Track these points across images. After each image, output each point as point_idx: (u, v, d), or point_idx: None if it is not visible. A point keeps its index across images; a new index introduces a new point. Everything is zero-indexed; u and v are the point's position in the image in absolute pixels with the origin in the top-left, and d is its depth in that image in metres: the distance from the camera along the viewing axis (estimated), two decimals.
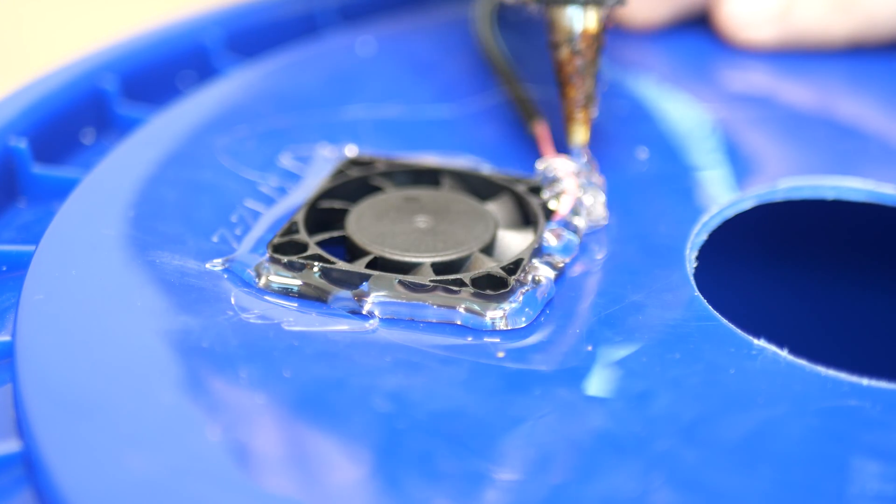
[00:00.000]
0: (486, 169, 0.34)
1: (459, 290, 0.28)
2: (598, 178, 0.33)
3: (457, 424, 0.25)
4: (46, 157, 0.36)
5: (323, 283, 0.29)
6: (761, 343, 0.28)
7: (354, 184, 0.33)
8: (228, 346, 0.27)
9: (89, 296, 0.29)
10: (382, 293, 0.28)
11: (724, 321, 0.29)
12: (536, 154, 0.35)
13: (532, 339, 0.28)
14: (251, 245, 0.31)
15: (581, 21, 0.33)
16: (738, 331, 0.28)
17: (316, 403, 0.26)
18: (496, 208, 0.32)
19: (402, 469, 0.24)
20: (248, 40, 0.44)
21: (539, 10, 0.34)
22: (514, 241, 0.31)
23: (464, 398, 0.26)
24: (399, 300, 0.28)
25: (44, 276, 0.29)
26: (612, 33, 0.45)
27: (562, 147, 0.35)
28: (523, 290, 0.29)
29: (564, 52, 0.33)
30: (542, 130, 0.36)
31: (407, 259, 0.29)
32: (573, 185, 0.33)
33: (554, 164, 0.33)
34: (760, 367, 0.27)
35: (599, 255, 0.31)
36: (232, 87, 0.40)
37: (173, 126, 0.37)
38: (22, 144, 0.35)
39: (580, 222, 0.32)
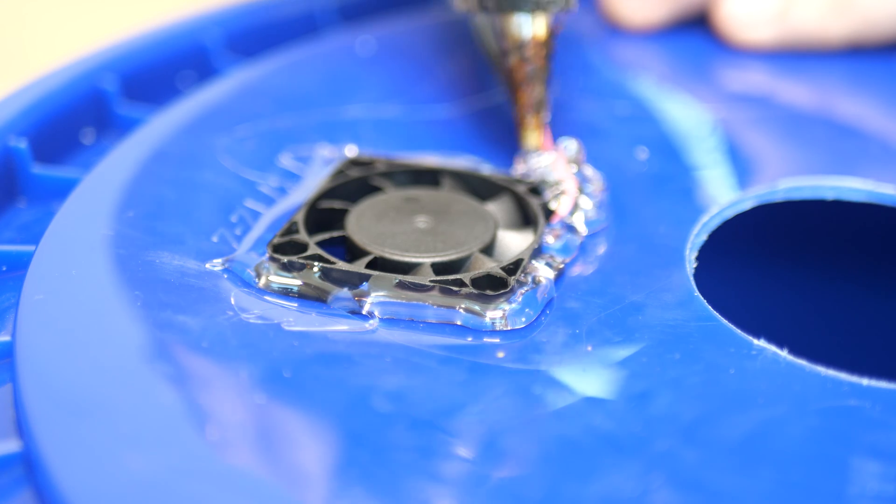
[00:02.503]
0: (486, 169, 0.34)
1: (459, 291, 0.28)
2: (596, 183, 0.33)
3: (457, 424, 0.25)
4: (46, 157, 0.36)
5: (323, 283, 0.29)
6: (761, 343, 0.28)
7: (354, 184, 0.33)
8: (228, 346, 0.27)
9: (89, 296, 0.29)
10: (382, 293, 0.28)
11: (724, 321, 0.29)
12: (536, 154, 0.35)
13: (532, 340, 0.28)
14: (251, 245, 0.31)
15: (529, 28, 0.33)
16: (738, 331, 0.28)
17: (316, 404, 0.26)
18: (496, 208, 0.32)
19: (401, 469, 0.24)
20: (248, 40, 0.44)
21: (487, 18, 0.34)
22: (514, 242, 0.31)
23: (463, 398, 0.26)
24: (399, 300, 0.28)
25: (44, 276, 0.29)
26: (611, 34, 0.45)
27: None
28: (523, 291, 0.29)
29: (514, 60, 0.34)
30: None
31: (407, 259, 0.29)
32: (573, 186, 0.33)
33: (541, 160, 0.33)
34: (760, 367, 0.27)
35: (599, 256, 0.31)
36: (232, 87, 0.40)
37: (173, 126, 0.37)
38: (22, 144, 0.35)
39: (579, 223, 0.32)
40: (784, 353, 0.28)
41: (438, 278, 0.28)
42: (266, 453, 0.25)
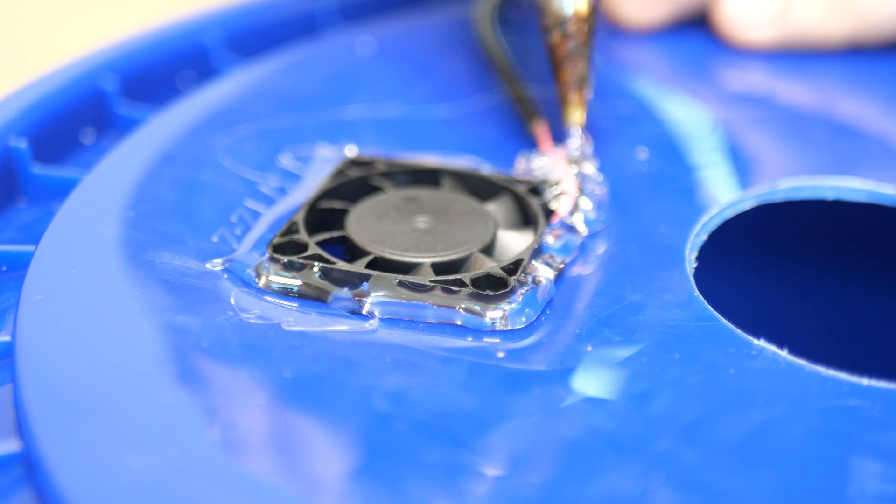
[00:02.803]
0: (486, 169, 0.34)
1: (459, 291, 0.28)
2: (593, 178, 0.33)
3: (456, 424, 0.25)
4: (46, 157, 0.36)
5: (323, 283, 0.29)
6: (761, 343, 0.28)
7: (354, 184, 0.33)
8: (228, 346, 0.27)
9: (89, 296, 0.29)
10: (382, 293, 0.28)
11: (724, 321, 0.29)
12: (536, 154, 0.35)
13: (532, 340, 0.28)
14: (251, 245, 0.31)
15: (571, 4, 0.33)
16: (738, 331, 0.28)
17: (316, 403, 0.26)
18: (496, 208, 0.32)
19: (401, 469, 0.24)
20: (248, 40, 0.44)
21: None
22: (514, 242, 0.31)
23: (463, 398, 0.26)
24: (399, 300, 0.28)
25: (44, 276, 0.29)
26: (611, 34, 0.45)
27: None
28: (523, 291, 0.29)
29: (556, 36, 0.34)
30: (541, 130, 0.36)
31: (407, 259, 0.29)
32: (573, 186, 0.33)
33: (541, 162, 0.33)
34: (760, 367, 0.27)
35: (599, 256, 0.31)
36: (232, 87, 0.40)
37: (173, 126, 0.37)
38: (22, 144, 0.35)
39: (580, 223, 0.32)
40: (784, 353, 0.28)
41: (438, 278, 0.28)
42: (266, 453, 0.25)
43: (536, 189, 0.33)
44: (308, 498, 0.24)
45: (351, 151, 0.35)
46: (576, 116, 0.34)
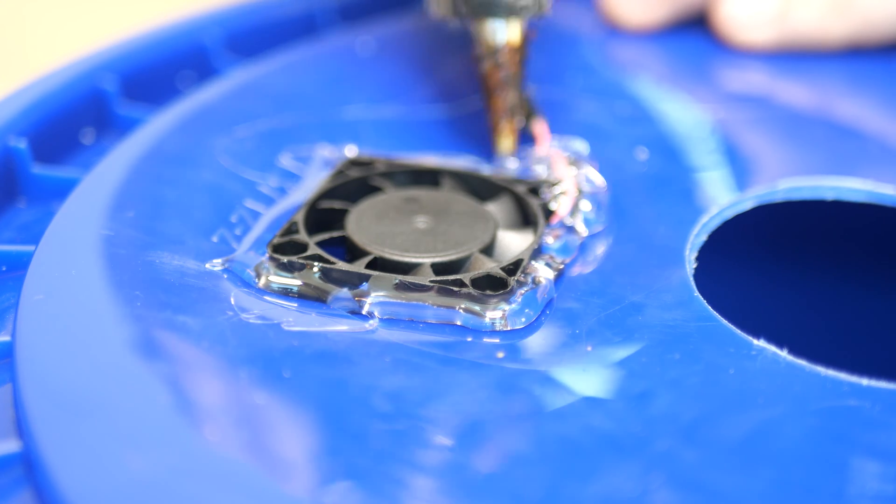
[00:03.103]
0: (486, 169, 0.34)
1: (459, 291, 0.28)
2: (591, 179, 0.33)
3: (456, 424, 0.25)
4: (46, 157, 0.36)
5: (323, 283, 0.29)
6: (761, 343, 0.28)
7: (354, 184, 0.33)
8: (228, 346, 0.27)
9: (89, 296, 0.29)
10: (382, 293, 0.28)
11: (724, 321, 0.29)
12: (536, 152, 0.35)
13: (532, 340, 0.28)
14: (251, 245, 0.31)
15: (503, 33, 0.34)
16: (738, 331, 0.28)
17: (316, 403, 0.26)
18: (496, 209, 0.32)
19: (401, 469, 0.24)
20: (248, 40, 0.44)
21: (462, 24, 0.35)
22: (513, 242, 0.31)
23: (463, 398, 0.26)
24: (399, 300, 0.28)
25: (44, 276, 0.29)
26: (610, 34, 0.45)
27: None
28: (523, 291, 0.29)
29: (488, 65, 0.34)
30: (541, 129, 0.36)
31: (407, 259, 0.29)
32: (573, 186, 0.33)
33: (542, 155, 0.33)
34: (760, 367, 0.27)
35: (599, 256, 0.31)
36: (232, 87, 0.40)
37: (173, 126, 0.37)
38: (22, 144, 0.35)
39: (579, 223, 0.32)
40: (784, 353, 0.28)
41: (438, 278, 0.28)
42: (266, 453, 0.25)
43: (536, 189, 0.33)
44: (307, 498, 0.24)
45: (351, 151, 0.35)
46: (506, 144, 0.35)
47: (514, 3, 0.33)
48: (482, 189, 0.33)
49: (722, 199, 0.34)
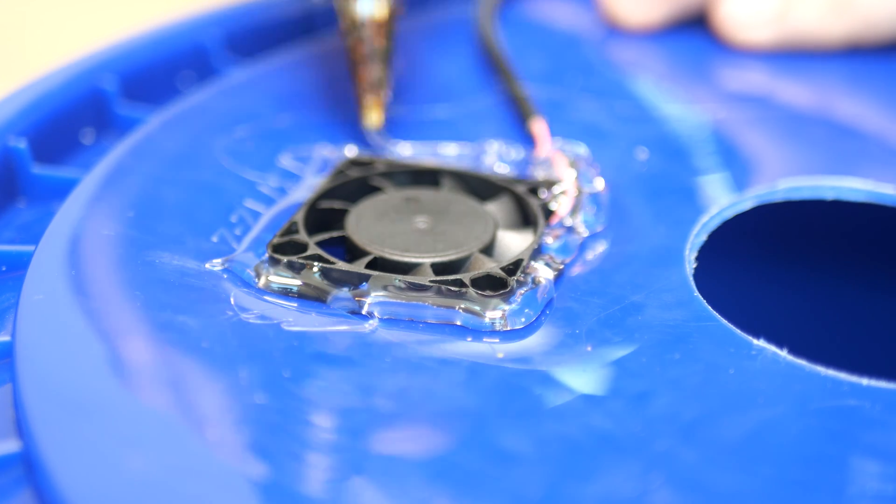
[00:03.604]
0: (485, 169, 0.34)
1: (459, 291, 0.28)
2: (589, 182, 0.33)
3: (456, 424, 0.25)
4: (46, 157, 0.36)
5: (323, 283, 0.29)
6: (761, 343, 0.28)
7: (354, 184, 0.33)
8: (228, 346, 0.27)
9: (89, 296, 0.29)
10: (382, 293, 0.28)
11: (724, 321, 0.29)
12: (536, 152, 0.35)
13: (532, 340, 0.28)
14: (251, 245, 0.31)
15: (368, 8, 0.34)
16: (738, 331, 0.28)
17: (316, 404, 0.26)
18: (496, 209, 0.32)
19: (401, 469, 0.24)
20: (248, 40, 0.44)
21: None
22: (513, 242, 0.31)
23: (463, 398, 0.26)
24: (399, 300, 0.28)
25: (44, 276, 0.29)
26: (610, 33, 0.45)
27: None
28: (523, 291, 0.29)
29: (352, 40, 0.34)
30: (540, 129, 0.36)
31: (407, 259, 0.29)
32: (573, 186, 0.33)
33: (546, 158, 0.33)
34: (760, 367, 0.27)
35: (599, 256, 0.31)
36: (232, 87, 0.40)
37: (173, 126, 0.37)
38: (22, 144, 0.35)
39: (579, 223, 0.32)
40: (784, 353, 0.28)
41: (438, 278, 0.28)
42: (266, 453, 0.25)
43: (536, 189, 0.33)
44: (308, 498, 0.24)
45: (351, 151, 0.35)
46: (372, 118, 0.35)
47: None
48: (482, 189, 0.33)
49: (722, 199, 0.34)
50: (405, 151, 0.35)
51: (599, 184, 0.33)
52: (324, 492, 0.24)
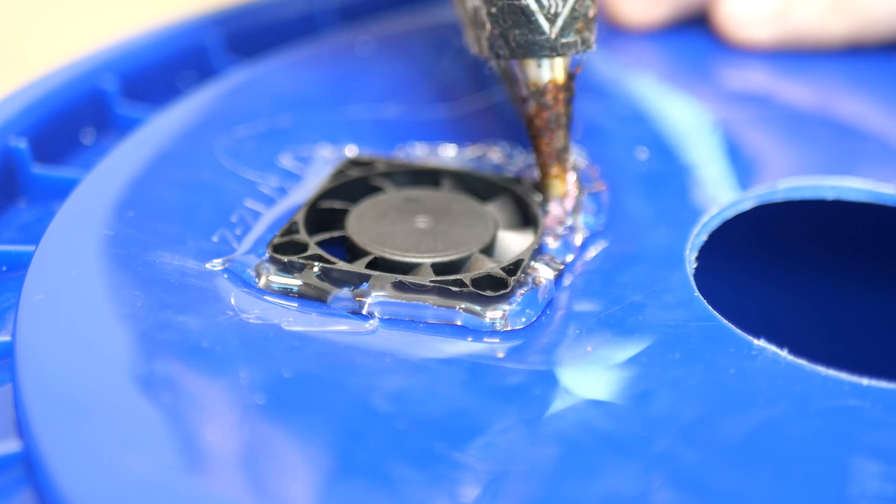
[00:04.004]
0: (485, 169, 0.34)
1: (459, 291, 0.28)
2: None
3: (457, 424, 0.25)
4: (46, 157, 0.36)
5: (323, 283, 0.29)
6: (761, 343, 0.28)
7: (354, 184, 0.33)
8: (228, 346, 0.27)
9: (89, 296, 0.29)
10: (382, 293, 0.28)
11: (724, 321, 0.29)
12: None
13: (532, 340, 0.28)
14: (251, 245, 0.31)
15: (548, 73, 0.31)
16: (738, 331, 0.28)
17: (316, 404, 0.26)
18: (496, 209, 0.32)
19: (401, 469, 0.24)
20: (248, 40, 0.44)
21: (502, 64, 0.32)
22: (514, 242, 0.31)
23: (464, 398, 0.26)
24: (399, 300, 0.28)
25: (44, 276, 0.29)
26: (610, 32, 0.45)
27: None
28: (523, 291, 0.29)
29: (532, 106, 0.31)
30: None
31: (407, 259, 0.29)
32: (573, 186, 0.33)
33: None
34: (760, 367, 0.27)
35: (599, 256, 0.31)
36: (232, 87, 0.40)
37: (173, 126, 0.37)
38: (22, 144, 0.35)
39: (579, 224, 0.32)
40: (784, 353, 0.28)
41: (438, 279, 0.28)
42: (266, 453, 0.25)
43: (536, 189, 0.32)
44: (307, 497, 0.24)
45: (351, 151, 0.35)
46: (556, 190, 0.32)
47: (556, 42, 0.30)
48: (482, 189, 0.33)
49: (722, 198, 0.34)
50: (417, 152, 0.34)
51: (599, 184, 0.33)
52: (322, 492, 0.24)
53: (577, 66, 0.32)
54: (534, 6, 0.30)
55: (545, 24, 0.30)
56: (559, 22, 0.30)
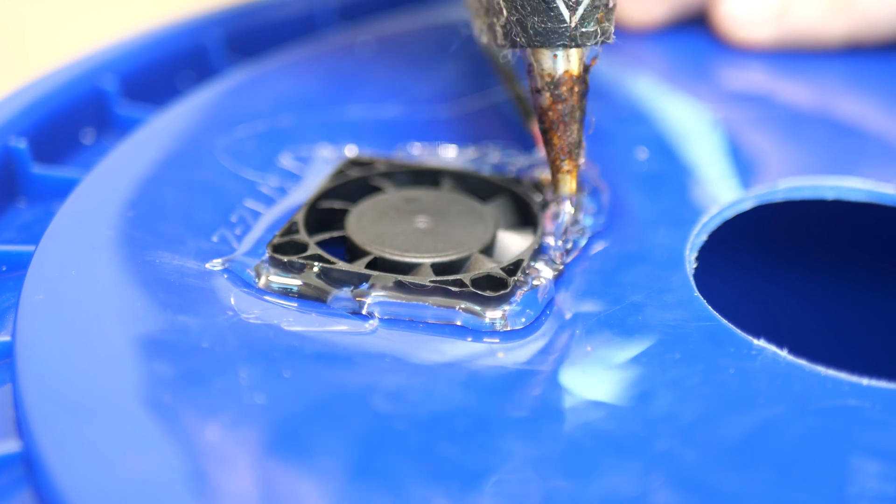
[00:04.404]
0: (485, 169, 0.34)
1: (459, 291, 0.28)
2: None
3: (457, 425, 0.25)
4: (46, 157, 0.36)
5: (323, 283, 0.29)
6: (761, 343, 0.28)
7: (354, 184, 0.33)
8: (228, 346, 0.27)
9: (89, 296, 0.29)
10: (382, 294, 0.28)
11: (724, 321, 0.29)
12: (535, 152, 0.35)
13: (532, 340, 0.28)
14: (251, 245, 0.31)
15: (563, 64, 0.30)
16: (738, 331, 0.28)
17: (316, 404, 0.26)
18: (496, 209, 0.32)
19: (402, 469, 0.24)
20: (248, 40, 0.44)
21: (516, 54, 0.31)
22: (513, 242, 0.31)
23: (463, 398, 0.26)
24: (399, 301, 0.28)
25: (44, 276, 0.29)
26: None
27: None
28: (523, 291, 0.29)
29: (546, 98, 0.31)
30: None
31: (407, 259, 0.29)
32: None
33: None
34: (760, 367, 0.27)
35: (599, 256, 0.31)
36: (232, 87, 0.40)
37: (173, 126, 0.37)
38: (22, 144, 0.35)
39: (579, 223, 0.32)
40: (784, 353, 0.28)
41: (438, 279, 0.28)
42: (265, 453, 0.25)
43: (536, 188, 0.32)
44: (307, 496, 0.24)
45: (351, 151, 0.35)
46: (566, 186, 0.31)
47: (576, 31, 0.29)
48: (482, 189, 0.33)
49: (722, 198, 0.34)
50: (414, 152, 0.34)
51: (599, 184, 0.33)
52: (323, 492, 0.24)
53: (593, 58, 0.31)
54: None
55: (566, 13, 0.29)
56: (580, 11, 0.29)
